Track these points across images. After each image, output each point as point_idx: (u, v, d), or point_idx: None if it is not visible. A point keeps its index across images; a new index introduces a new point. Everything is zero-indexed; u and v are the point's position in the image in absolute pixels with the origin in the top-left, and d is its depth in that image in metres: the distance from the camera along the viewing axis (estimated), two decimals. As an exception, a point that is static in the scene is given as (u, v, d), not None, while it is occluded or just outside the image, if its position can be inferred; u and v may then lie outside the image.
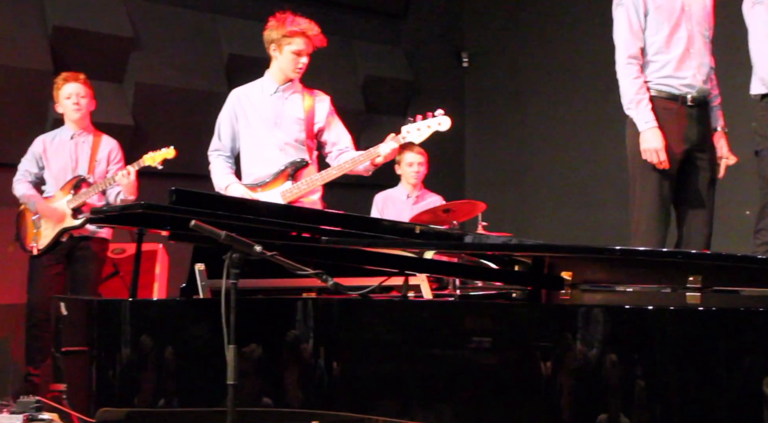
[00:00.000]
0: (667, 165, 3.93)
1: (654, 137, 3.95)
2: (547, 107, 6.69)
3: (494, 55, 7.04)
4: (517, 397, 2.12)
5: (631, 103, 4.05)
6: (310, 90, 4.17)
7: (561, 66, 6.59)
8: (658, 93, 4.04)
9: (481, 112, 7.00)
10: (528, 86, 6.83)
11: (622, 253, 2.24)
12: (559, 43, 6.60)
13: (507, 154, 6.92)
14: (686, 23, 4.04)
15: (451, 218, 4.94)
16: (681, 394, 1.94)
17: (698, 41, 4.05)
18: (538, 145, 6.74)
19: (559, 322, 2.10)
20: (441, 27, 7.25)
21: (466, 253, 2.87)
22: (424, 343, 2.28)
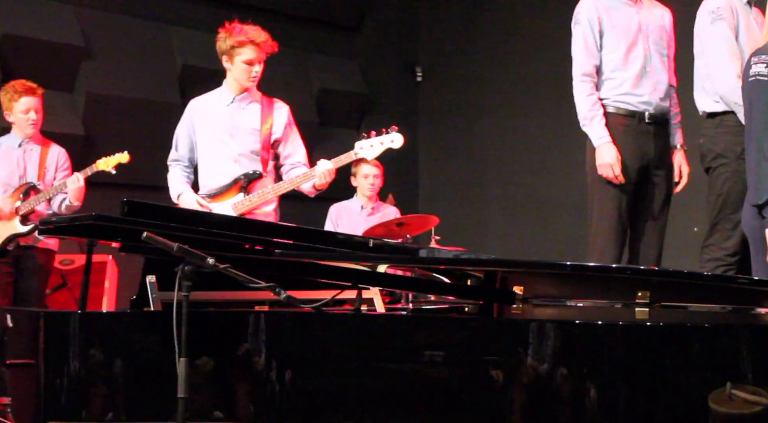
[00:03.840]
0: (622, 179, 4.00)
1: (608, 152, 4.01)
2: (501, 122, 6.74)
3: (448, 70, 7.08)
4: (469, 411, 2.13)
5: (585, 119, 4.12)
6: (269, 99, 4.16)
7: (514, 82, 6.65)
8: (617, 110, 4.11)
9: (434, 127, 7.04)
10: (481, 101, 6.88)
11: (572, 269, 2.27)
12: (513, 59, 6.66)
13: (460, 168, 6.95)
14: (643, 42, 4.12)
15: (404, 232, 4.96)
16: (629, 408, 1.97)
17: (656, 59, 4.13)
18: (492, 160, 6.79)
19: (510, 336, 2.13)
20: (395, 41, 7.28)
21: (419, 267, 2.88)
22: (376, 357, 2.29)
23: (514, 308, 2.58)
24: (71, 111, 5.55)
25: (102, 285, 5.03)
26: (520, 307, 2.58)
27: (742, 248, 3.71)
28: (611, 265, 3.63)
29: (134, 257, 2.81)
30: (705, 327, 2.05)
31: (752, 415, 1.91)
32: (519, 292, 2.59)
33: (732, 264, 3.84)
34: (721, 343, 1.99)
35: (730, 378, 1.92)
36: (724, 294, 2.46)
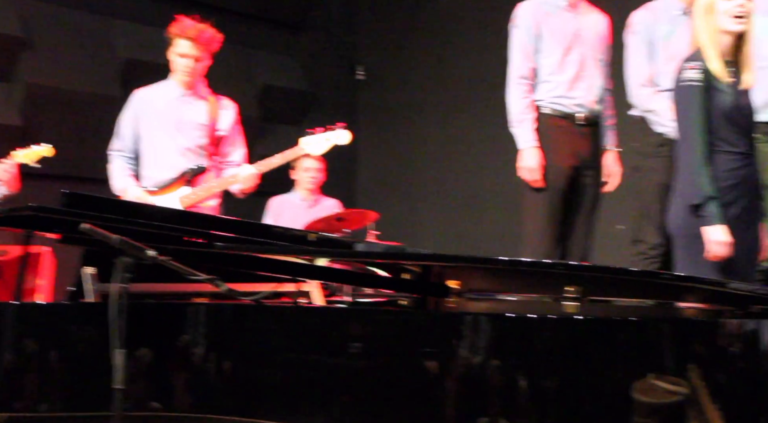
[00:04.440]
0: (541, 183, 4.07)
1: (532, 157, 4.10)
2: (438, 121, 6.79)
3: (388, 70, 7.11)
4: (404, 401, 2.15)
5: (515, 121, 4.19)
6: (216, 96, 4.14)
7: (453, 82, 6.70)
8: (552, 111, 4.19)
9: (374, 124, 7.05)
10: (420, 100, 6.92)
11: (506, 264, 2.30)
12: (452, 60, 6.71)
13: (398, 165, 6.99)
14: (579, 47, 4.20)
15: (343, 226, 4.98)
16: (558, 399, 2.01)
17: (590, 64, 4.22)
18: (429, 158, 6.83)
19: (445, 328, 2.15)
20: (337, 40, 7.28)
21: (358, 261, 2.89)
22: (314, 349, 2.29)
23: (449, 302, 2.61)
24: (9, 102, 5.43)
25: (38, 276, 4.93)
26: (455, 300, 2.61)
27: (666, 243, 3.81)
28: (545, 261, 3.69)
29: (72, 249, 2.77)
30: (630, 321, 2.09)
31: (672, 404, 1.96)
32: (454, 286, 2.62)
33: (655, 257, 3.95)
34: (645, 336, 2.03)
35: (653, 369, 1.97)
36: (648, 289, 2.52)
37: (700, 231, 3.31)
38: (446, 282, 2.62)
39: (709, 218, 3.31)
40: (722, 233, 3.29)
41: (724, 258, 3.30)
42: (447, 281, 2.62)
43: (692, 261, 3.35)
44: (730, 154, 3.39)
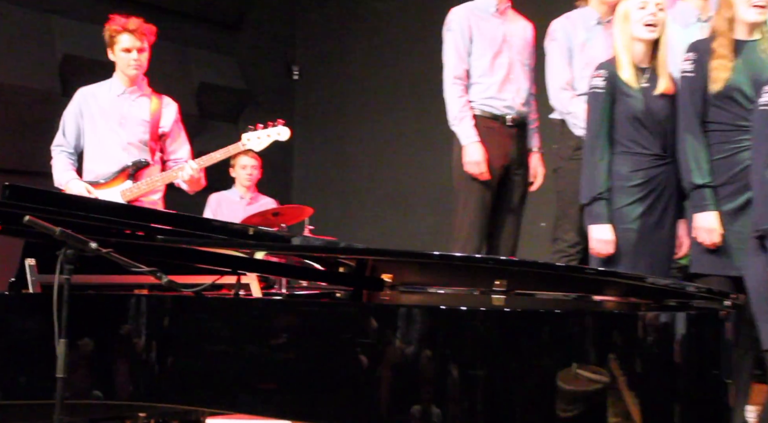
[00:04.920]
0: (488, 176, 4.12)
1: (475, 151, 4.14)
2: (372, 120, 6.80)
3: (323, 70, 7.09)
4: (340, 390, 2.15)
5: (455, 119, 4.23)
6: (158, 94, 4.11)
7: (386, 83, 6.71)
8: (483, 112, 4.23)
9: (309, 123, 7.03)
10: (354, 100, 6.92)
11: (438, 258, 2.33)
12: (385, 62, 6.72)
13: (333, 162, 6.98)
14: (507, 51, 4.26)
15: (279, 221, 4.96)
16: (487, 387, 2.03)
17: (518, 68, 4.28)
18: (362, 156, 6.84)
19: (379, 320, 2.15)
20: (274, 40, 7.23)
21: (294, 255, 2.88)
22: (253, 339, 2.28)
23: (383, 294, 2.62)
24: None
25: (-23, 268, 4.80)
26: (389, 293, 2.62)
27: (583, 240, 3.89)
28: (475, 255, 3.73)
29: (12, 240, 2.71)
30: (554, 313, 2.13)
31: (594, 391, 2.00)
32: (388, 280, 2.63)
33: (573, 255, 4.03)
34: (568, 327, 2.07)
35: (576, 358, 2.01)
36: (570, 283, 2.57)
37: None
38: (380, 275, 2.63)
39: (594, 217, 3.38)
40: (606, 231, 3.37)
41: (604, 255, 3.37)
42: (381, 275, 2.63)
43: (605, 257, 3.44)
44: (639, 155, 3.45)
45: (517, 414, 2.02)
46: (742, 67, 3.30)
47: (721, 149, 3.32)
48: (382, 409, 2.10)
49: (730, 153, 3.31)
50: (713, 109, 3.32)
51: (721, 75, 3.28)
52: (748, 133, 3.21)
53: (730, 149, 3.31)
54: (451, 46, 4.24)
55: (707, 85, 3.31)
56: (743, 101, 3.26)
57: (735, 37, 3.34)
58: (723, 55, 3.29)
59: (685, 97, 3.36)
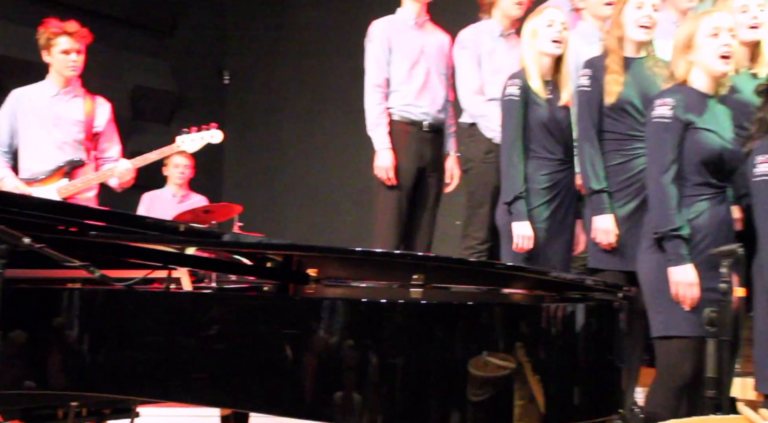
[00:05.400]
0: (394, 182, 4.15)
1: (386, 157, 4.16)
2: (299, 124, 6.78)
3: (253, 75, 7.03)
4: (267, 378, 2.13)
5: (371, 125, 4.23)
6: (91, 95, 4.01)
7: (311, 89, 6.70)
8: (401, 118, 4.25)
9: (240, 125, 6.96)
10: (282, 104, 6.88)
11: (360, 254, 2.32)
12: (312, 68, 6.70)
13: (262, 163, 6.93)
14: (425, 61, 4.28)
15: (210, 218, 4.88)
16: (405, 373, 2.03)
17: (435, 77, 4.31)
18: (290, 157, 6.81)
19: (305, 312, 2.13)
20: (205, 46, 7.13)
21: (224, 250, 2.84)
22: (183, 330, 2.24)
23: (308, 288, 2.60)
24: None
25: None
26: (314, 287, 2.61)
27: (492, 238, 3.94)
28: (394, 252, 3.74)
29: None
30: (467, 305, 2.14)
31: (502, 376, 2.02)
32: (313, 274, 2.61)
33: (482, 251, 4.08)
34: (480, 318, 2.07)
35: (486, 347, 2.02)
36: (482, 277, 2.59)
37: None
38: (305, 270, 2.62)
39: (516, 214, 3.44)
40: (527, 228, 3.43)
41: (525, 250, 3.43)
42: (306, 269, 2.62)
43: (512, 253, 3.49)
44: (547, 160, 3.52)
45: (432, 399, 2.02)
46: (632, 82, 3.38)
47: (616, 156, 3.39)
48: (307, 396, 2.08)
49: (624, 160, 3.38)
50: (608, 120, 3.40)
51: (614, 89, 3.35)
52: (640, 141, 3.29)
53: (625, 156, 3.38)
54: (372, 57, 4.25)
55: (603, 97, 3.39)
56: (634, 113, 3.34)
57: (625, 55, 3.42)
58: (615, 71, 3.37)
59: (583, 109, 3.43)
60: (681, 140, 3.03)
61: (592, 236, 3.41)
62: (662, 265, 3.05)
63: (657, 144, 3.07)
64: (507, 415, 2.02)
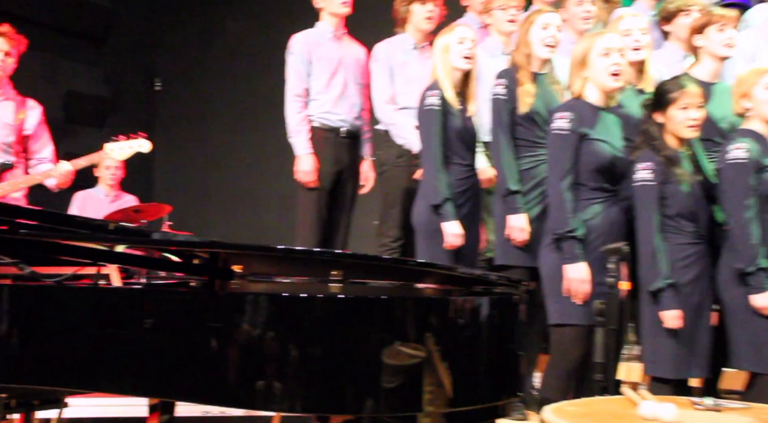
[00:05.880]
0: (316, 184, 4.14)
1: (307, 162, 4.15)
2: (227, 128, 6.72)
3: (184, 83, 6.94)
4: (193, 369, 2.09)
5: (292, 132, 4.22)
6: (22, 98, 3.87)
7: (239, 96, 6.65)
8: (320, 125, 4.25)
9: (170, 129, 6.85)
10: (211, 110, 6.82)
11: (282, 251, 2.30)
12: (240, 77, 6.66)
13: (191, 165, 6.85)
14: (342, 72, 4.29)
15: (140, 218, 4.78)
16: (323, 363, 2.03)
17: (352, 87, 4.32)
18: (217, 160, 6.75)
19: (229, 306, 2.11)
20: (137, 54, 6.98)
21: (153, 248, 2.78)
22: (112, 325, 2.18)
23: (233, 283, 2.57)
24: None
25: None
26: (238, 282, 2.58)
27: (404, 235, 3.97)
28: (314, 249, 3.73)
29: None
30: (381, 298, 2.15)
31: (413, 365, 2.04)
32: (238, 270, 2.58)
33: (395, 248, 4.12)
34: (393, 311, 2.09)
35: (398, 338, 2.04)
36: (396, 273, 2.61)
37: (439, 226, 3.48)
38: (231, 266, 2.58)
39: (446, 215, 3.48)
40: (457, 227, 3.48)
41: (457, 247, 3.48)
42: (231, 266, 2.58)
43: (431, 250, 3.52)
44: (460, 166, 3.58)
45: (348, 386, 2.03)
46: (539, 95, 3.46)
47: (525, 161, 3.47)
48: (230, 385, 2.05)
49: (532, 165, 3.46)
50: (519, 128, 3.47)
51: (526, 100, 3.43)
52: (545, 148, 3.37)
53: (532, 162, 3.46)
54: (293, 68, 4.25)
55: (515, 106, 3.46)
56: (541, 123, 3.43)
57: (532, 70, 3.50)
58: (525, 83, 3.45)
59: (498, 116, 3.49)
60: (577, 150, 3.12)
61: (506, 234, 3.46)
62: (559, 263, 3.14)
63: (556, 153, 3.16)
64: (417, 400, 2.04)
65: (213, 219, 6.61)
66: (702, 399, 2.29)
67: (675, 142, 3.13)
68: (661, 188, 3.04)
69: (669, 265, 3.00)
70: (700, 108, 3.10)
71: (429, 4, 4.13)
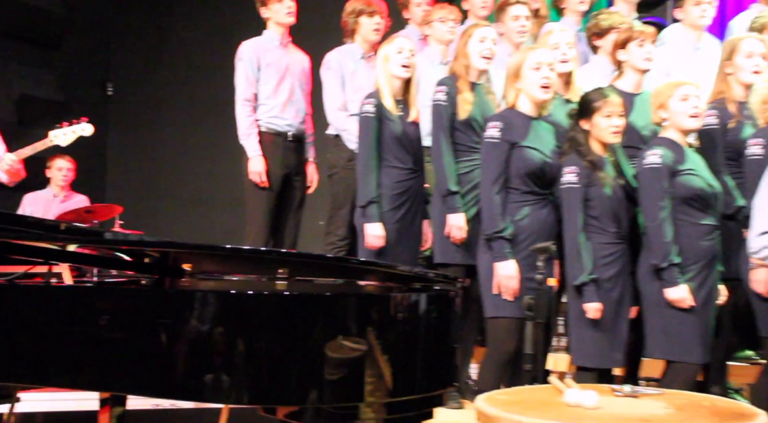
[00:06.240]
0: (267, 184, 4.12)
1: (258, 163, 4.13)
2: (178, 132, 6.64)
3: (135, 88, 6.82)
4: (143, 363, 2.06)
5: (243, 135, 4.19)
6: None
7: (190, 101, 6.56)
8: (268, 129, 4.23)
9: (122, 133, 6.74)
10: (163, 114, 6.72)
11: (230, 251, 2.29)
12: (189, 82, 6.57)
13: (143, 168, 6.74)
14: (289, 78, 4.28)
15: (92, 218, 4.69)
16: (270, 357, 2.02)
17: (297, 93, 4.31)
18: (168, 162, 6.66)
19: (179, 303, 2.08)
20: (90, 59, 6.83)
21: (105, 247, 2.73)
22: (63, 321, 2.13)
23: (183, 281, 2.54)
24: None
25: None
26: (188, 280, 2.55)
27: (351, 235, 3.97)
28: (260, 248, 3.71)
29: None
30: (325, 295, 2.15)
31: (355, 358, 2.05)
32: (188, 268, 2.55)
33: (343, 247, 4.12)
34: (336, 307, 2.09)
35: (341, 332, 2.04)
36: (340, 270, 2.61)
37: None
38: (181, 265, 2.55)
39: (369, 217, 3.49)
40: (379, 229, 3.48)
41: (377, 248, 3.48)
42: (181, 264, 2.55)
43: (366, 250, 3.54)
44: (398, 169, 3.58)
45: (293, 378, 2.02)
46: (476, 103, 3.50)
47: (462, 165, 3.50)
48: (180, 378, 2.03)
49: (469, 170, 3.50)
50: (457, 133, 3.51)
51: (465, 107, 3.47)
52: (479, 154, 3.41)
53: (469, 166, 3.50)
54: (242, 74, 4.22)
55: (455, 112, 3.49)
56: (478, 129, 3.47)
57: (470, 80, 3.54)
58: (464, 91, 3.49)
59: (439, 121, 3.52)
60: (507, 157, 3.18)
61: (446, 232, 3.48)
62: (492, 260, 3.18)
63: (488, 160, 3.22)
64: (359, 391, 2.05)
65: (164, 219, 6.51)
66: (621, 386, 2.36)
67: (599, 148, 3.21)
68: (585, 191, 3.11)
69: (592, 262, 3.07)
70: (621, 116, 3.18)
71: (376, 17, 4.19)
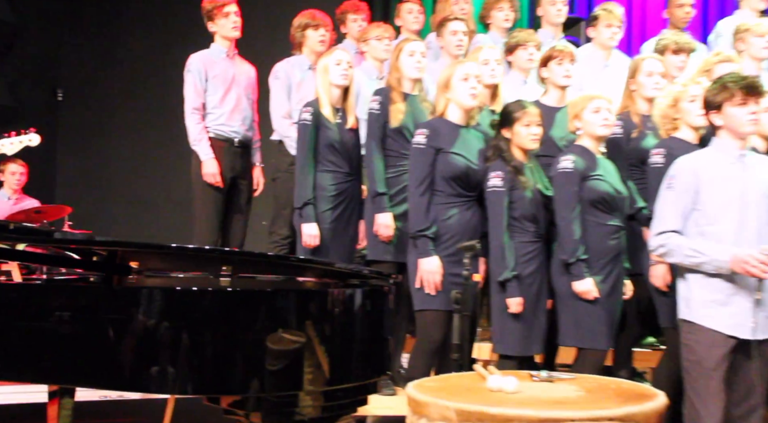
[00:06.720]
0: (221, 184, 4.09)
1: (212, 166, 4.10)
2: (126, 137, 6.49)
3: (85, 94, 6.63)
4: (92, 357, 2.02)
5: (194, 140, 4.15)
6: None
7: (138, 107, 6.43)
8: (216, 135, 4.20)
9: (71, 137, 6.56)
10: (112, 120, 6.56)
11: (175, 249, 2.26)
12: (138, 90, 6.44)
13: (92, 170, 6.56)
14: (235, 88, 4.26)
15: (41, 218, 4.56)
16: (214, 349, 2.01)
17: (244, 101, 4.29)
18: (116, 165, 6.51)
19: (126, 299, 2.05)
20: (40, 66, 6.60)
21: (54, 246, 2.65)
22: (13, 318, 2.07)
23: (130, 278, 2.49)
24: None
25: None
26: (135, 277, 2.50)
27: (293, 234, 3.96)
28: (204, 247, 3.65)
29: None
30: (266, 291, 2.15)
31: (294, 349, 2.05)
32: (134, 266, 2.51)
33: (285, 245, 4.10)
34: (276, 301, 2.09)
35: (281, 325, 2.04)
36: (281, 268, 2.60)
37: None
38: (128, 263, 2.50)
39: (305, 217, 3.49)
40: (314, 228, 3.48)
41: (312, 246, 3.48)
42: (129, 262, 2.50)
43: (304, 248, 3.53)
44: (335, 173, 3.58)
45: (236, 370, 2.01)
46: (409, 112, 3.54)
47: (393, 170, 3.53)
48: (127, 371, 2.00)
49: (397, 174, 3.53)
50: (389, 141, 3.53)
51: (398, 116, 3.50)
52: None
53: (398, 171, 3.53)
54: (191, 84, 4.18)
55: (387, 121, 3.52)
56: (409, 137, 3.49)
57: (403, 91, 3.57)
58: (397, 102, 3.51)
59: (373, 128, 3.54)
60: (433, 161, 3.22)
61: (374, 231, 3.50)
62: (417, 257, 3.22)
63: (414, 164, 3.27)
64: (298, 380, 2.05)
65: (112, 219, 6.36)
66: (539, 372, 2.42)
67: (521, 154, 3.28)
68: (509, 194, 3.18)
69: (515, 260, 3.14)
70: (539, 125, 3.26)
71: (321, 29, 4.21)
